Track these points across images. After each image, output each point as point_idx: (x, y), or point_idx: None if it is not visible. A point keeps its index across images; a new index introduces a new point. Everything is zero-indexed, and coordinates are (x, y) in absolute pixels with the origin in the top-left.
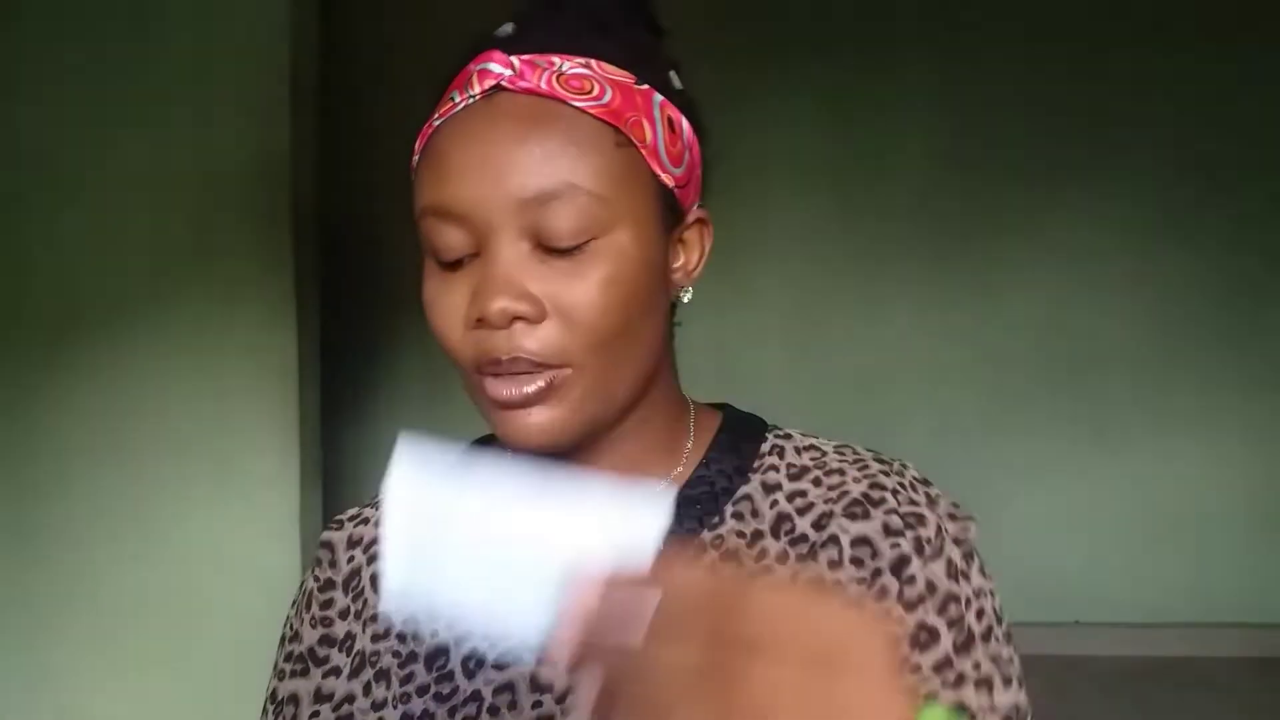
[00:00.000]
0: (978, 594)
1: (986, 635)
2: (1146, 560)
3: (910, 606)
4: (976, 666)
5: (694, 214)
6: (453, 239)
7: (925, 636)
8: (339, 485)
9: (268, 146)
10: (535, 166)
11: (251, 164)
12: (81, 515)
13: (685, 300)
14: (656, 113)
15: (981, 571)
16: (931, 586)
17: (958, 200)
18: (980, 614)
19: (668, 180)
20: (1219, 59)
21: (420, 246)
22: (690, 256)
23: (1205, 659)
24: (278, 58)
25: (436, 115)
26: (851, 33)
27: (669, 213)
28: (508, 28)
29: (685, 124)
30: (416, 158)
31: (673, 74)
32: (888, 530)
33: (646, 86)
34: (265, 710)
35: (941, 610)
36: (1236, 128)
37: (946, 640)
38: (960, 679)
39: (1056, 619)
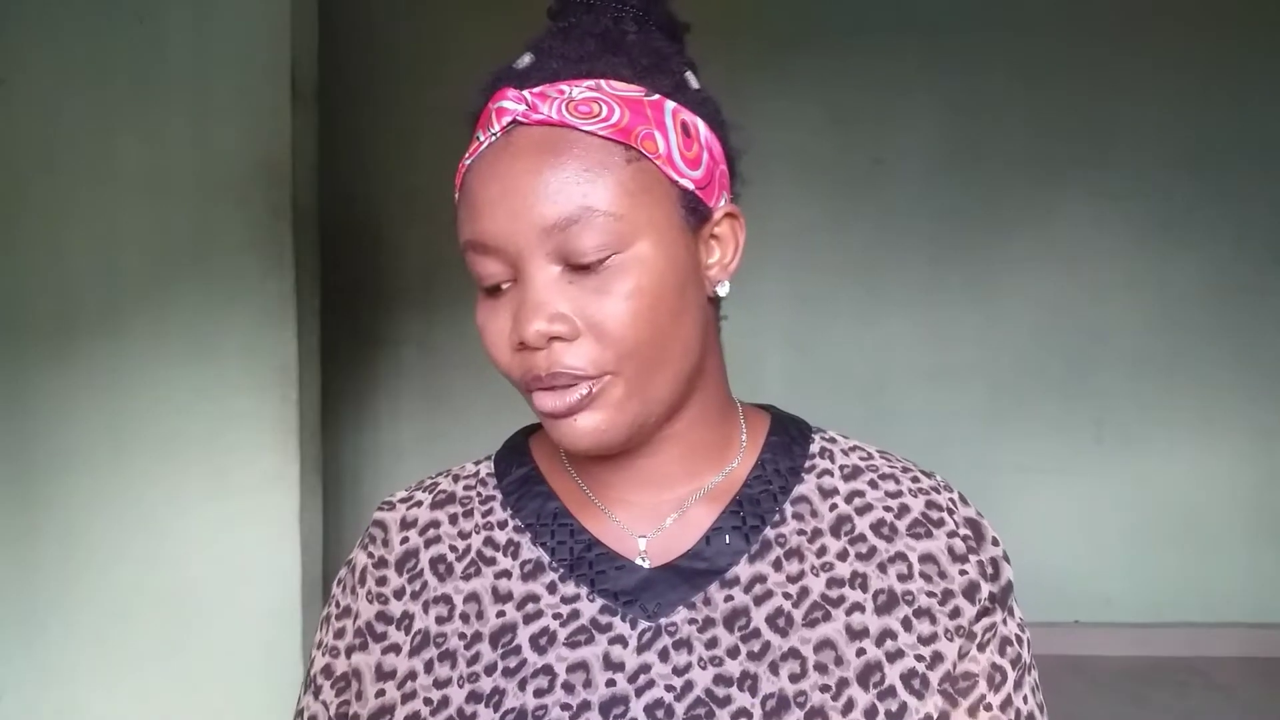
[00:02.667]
0: (1021, 628)
1: (1029, 668)
2: (1146, 560)
3: (983, 647)
4: (1025, 700)
5: (722, 209)
6: (491, 269)
7: (999, 677)
8: (339, 484)
9: (267, 146)
10: (552, 195)
11: (251, 163)
12: (81, 515)
13: (723, 294)
14: (669, 120)
15: (1016, 599)
16: (995, 627)
17: (958, 200)
18: (1028, 647)
19: (686, 184)
20: (1220, 58)
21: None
22: (725, 251)
23: (1205, 659)
24: (277, 58)
25: (467, 155)
26: (852, 33)
27: (692, 214)
28: (526, 58)
29: (700, 125)
30: (457, 195)
31: (689, 75)
32: (953, 554)
33: (657, 97)
34: (313, 683)
35: (1003, 650)
36: (1237, 127)
37: (1010, 679)
38: (1017, 717)
39: (1056, 619)
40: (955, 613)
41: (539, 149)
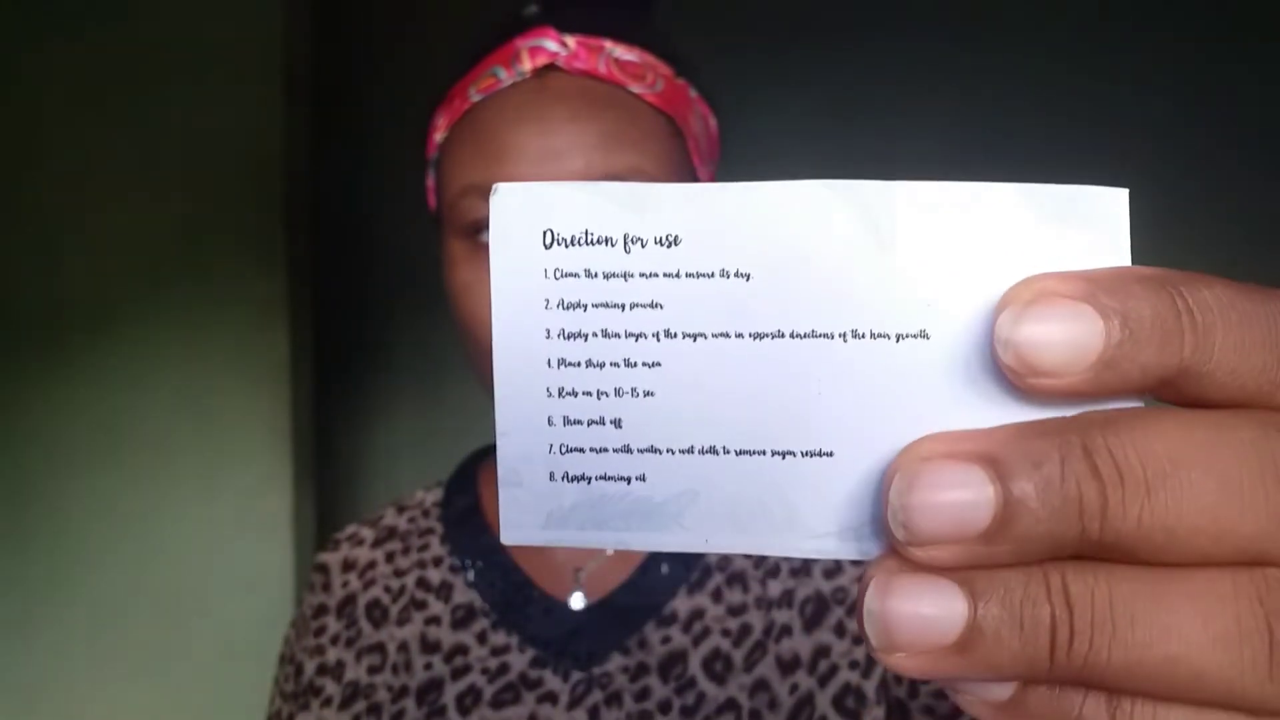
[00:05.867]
0: None
1: None
2: None
3: None
4: None
5: None
6: None
7: None
8: (333, 487)
9: (260, 143)
10: (600, 147)
11: (244, 161)
12: (70, 518)
13: None
14: (694, 107)
15: None
16: None
17: None
18: None
19: (703, 176)
20: (1221, 58)
21: (445, 231)
22: None
23: None
24: (271, 53)
25: (474, 91)
26: (856, 26)
27: None
28: (534, 8)
29: (712, 119)
30: (442, 134)
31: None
32: None
33: (683, 80)
34: None
35: None
36: (1246, 125)
37: None
38: None
39: None
40: None
41: (585, 98)
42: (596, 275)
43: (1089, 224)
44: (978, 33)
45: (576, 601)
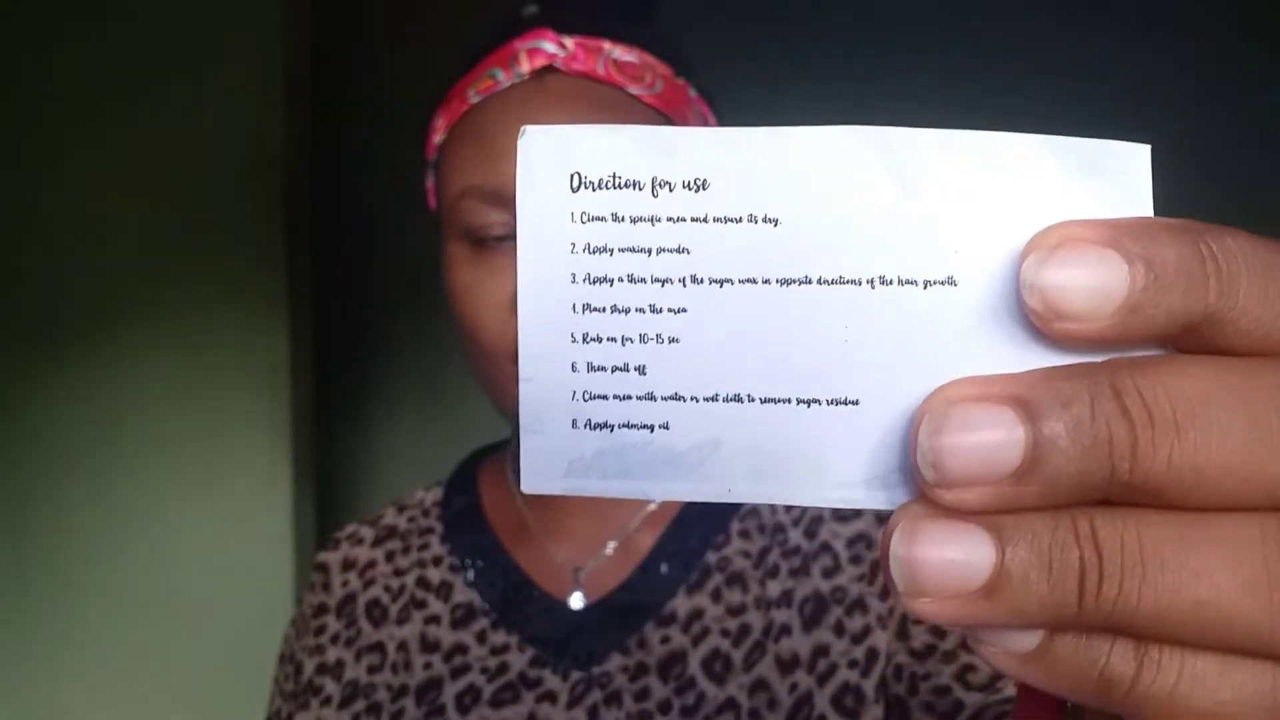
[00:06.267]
0: None
1: None
2: None
3: None
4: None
5: None
6: (500, 217)
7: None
8: (333, 487)
9: (260, 143)
10: None
11: (244, 161)
12: (71, 518)
13: None
14: (694, 107)
15: None
16: None
17: None
18: None
19: None
20: (1223, 54)
21: (445, 232)
22: None
23: None
24: (271, 53)
25: (472, 92)
26: (856, 29)
27: None
28: (533, 8)
29: (713, 121)
30: (441, 136)
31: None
32: (880, 520)
33: (682, 80)
34: None
35: None
36: (1239, 124)
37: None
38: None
39: None
40: (886, 591)
41: (581, 99)
42: (624, 219)
43: (1113, 177)
44: (979, 31)
45: (576, 601)
